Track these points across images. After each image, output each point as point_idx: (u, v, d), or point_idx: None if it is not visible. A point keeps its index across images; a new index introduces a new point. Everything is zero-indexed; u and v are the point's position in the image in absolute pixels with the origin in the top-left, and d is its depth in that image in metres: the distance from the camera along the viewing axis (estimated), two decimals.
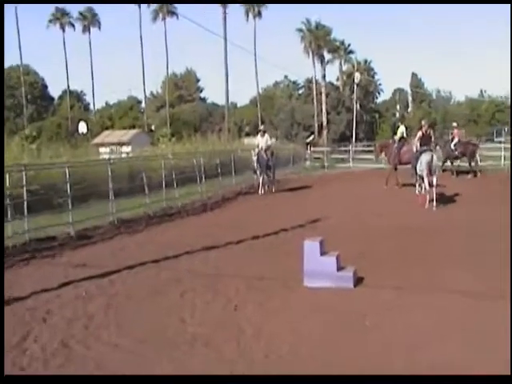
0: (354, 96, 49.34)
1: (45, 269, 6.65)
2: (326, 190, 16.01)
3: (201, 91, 67.83)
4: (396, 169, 15.69)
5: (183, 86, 64.61)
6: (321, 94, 48.10)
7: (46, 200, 9.66)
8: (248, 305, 4.96)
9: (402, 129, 16.16)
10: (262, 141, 14.95)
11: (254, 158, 14.48)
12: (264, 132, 15.30)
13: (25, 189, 8.38)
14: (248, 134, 50.75)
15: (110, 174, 10.53)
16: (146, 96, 54.18)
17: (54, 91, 66.39)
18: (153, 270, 6.39)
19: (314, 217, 9.93)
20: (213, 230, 9.31)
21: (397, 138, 16.16)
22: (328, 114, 48.57)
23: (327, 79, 51.78)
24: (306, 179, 21.06)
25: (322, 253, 5.60)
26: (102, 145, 36.24)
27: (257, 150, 14.69)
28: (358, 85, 48.96)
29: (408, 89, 63.21)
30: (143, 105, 56.01)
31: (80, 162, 13.46)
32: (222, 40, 39.23)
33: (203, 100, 67.74)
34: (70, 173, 9.44)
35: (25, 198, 8.37)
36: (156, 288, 5.62)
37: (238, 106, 65.94)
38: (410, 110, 62.99)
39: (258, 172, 14.73)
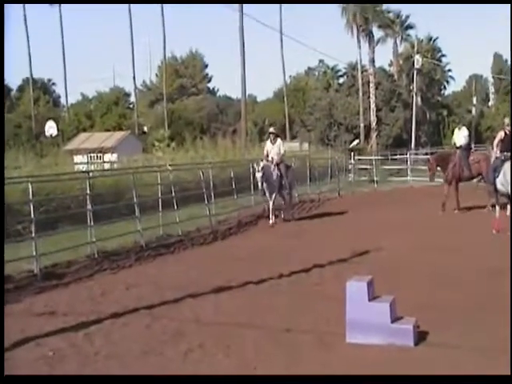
0: (414, 86, 49.33)
1: None
2: (375, 212, 15.98)
3: (209, 81, 68.83)
4: (457, 187, 15.21)
5: (186, 74, 65.64)
6: (368, 84, 48.27)
7: None
8: (270, 368, 4.95)
9: (463, 132, 15.40)
10: (272, 149, 14.24)
11: (259, 175, 13.68)
12: (276, 136, 14.55)
13: None
14: None
15: (88, 191, 10.69)
16: (136, 87, 54.02)
17: (12, 80, 67.37)
18: (146, 320, 6.44)
19: (360, 249, 9.91)
20: (225, 265, 9.38)
21: (457, 144, 15.20)
22: (378, 110, 48.65)
23: (377, 64, 51.99)
24: (349, 198, 21.01)
25: (372, 297, 5.57)
26: (78, 152, 36.75)
27: (263, 163, 13.89)
28: (419, 71, 48.95)
29: (489, 75, 62.85)
30: (132, 98, 56.37)
31: (48, 175, 13.71)
32: (237, 13, 39.29)
33: (212, 92, 68.63)
34: (33, 190, 9.56)
35: None
36: (150, 345, 5.64)
37: (259, 100, 66.79)
38: (490, 103, 62.54)
39: (266, 194, 14.03)
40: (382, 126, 48.91)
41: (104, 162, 33.23)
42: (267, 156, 14.21)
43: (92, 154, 37.41)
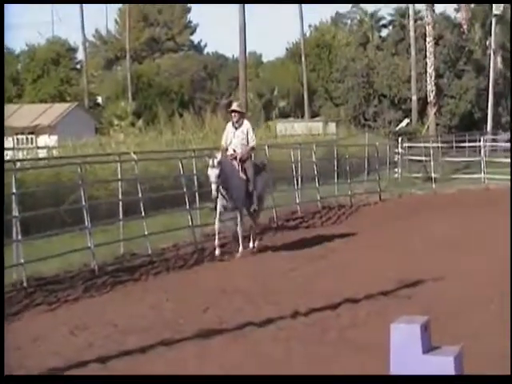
0: (492, 42, 49.33)
1: None
2: (433, 225, 16.04)
3: (193, 31, 68.91)
4: None
5: (159, 21, 65.67)
6: (425, 37, 48.26)
7: None
8: None
9: None
10: (234, 137, 13.49)
11: (213, 173, 12.63)
12: (241, 117, 13.65)
13: None
14: (285, 115, 51.27)
15: (14, 189, 10.78)
16: (85, 38, 53.63)
17: None
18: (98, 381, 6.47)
19: (411, 277, 9.94)
20: (214, 298, 9.46)
21: None
22: (439, 76, 48.70)
23: (437, 9, 52.02)
24: (395, 204, 21.07)
25: (428, 348, 5.59)
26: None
27: (219, 157, 12.87)
28: (499, 19, 48.92)
29: None
30: (80, 55, 55.82)
31: None
32: None
33: (198, 49, 68.80)
34: None
35: None
36: None
37: (265, 60, 66.97)
38: None
39: (218, 206, 13.01)
40: (443, 99, 48.95)
41: (38, 148, 33.25)
42: (226, 149, 13.36)
43: (20, 136, 37.47)
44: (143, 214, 13.22)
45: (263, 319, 8.14)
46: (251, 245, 13.68)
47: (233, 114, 13.54)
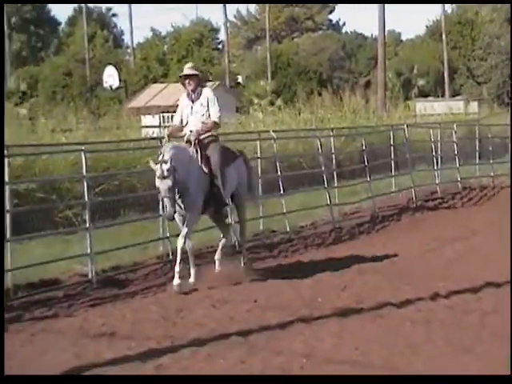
0: None
1: None
2: None
3: (331, 11, 68.24)
4: None
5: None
6: None
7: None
8: None
9: None
10: (192, 112, 9.80)
11: (163, 186, 8.99)
12: (196, 82, 9.83)
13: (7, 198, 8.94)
14: (424, 94, 50.03)
15: None
16: (227, 19, 53.79)
17: (60, 10, 68.76)
18: (239, 352, 6.56)
19: None
20: (352, 278, 9.35)
21: None
22: None
23: None
24: None
25: None
26: (147, 110, 37.65)
27: (169, 145, 9.39)
28: None
29: None
30: (222, 36, 56.40)
31: (107, 142, 14.39)
32: None
33: (336, 28, 68.21)
34: (88, 163, 10.05)
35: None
36: None
37: (404, 38, 65.58)
38: None
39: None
40: None
41: None
42: (180, 129, 9.99)
43: (166, 114, 38.30)
44: (282, 191, 13.23)
45: (401, 300, 8.02)
46: (242, 262, 10.17)
47: (186, 82, 9.74)
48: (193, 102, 9.72)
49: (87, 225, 9.79)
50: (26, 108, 24.98)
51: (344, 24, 70.04)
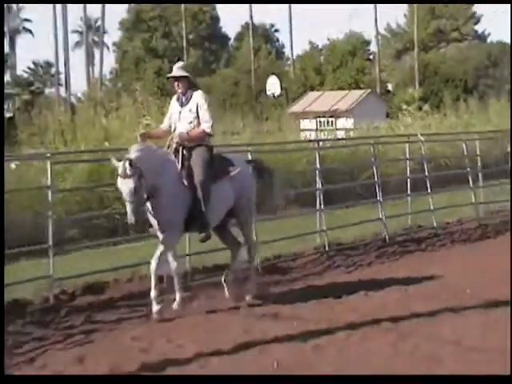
0: None
1: None
2: None
3: (477, 21, 66.96)
4: None
5: (445, 14, 64.40)
6: None
7: None
8: None
9: None
10: (180, 117, 8.29)
11: (124, 187, 7.43)
12: (186, 85, 8.25)
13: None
14: None
15: (317, 165, 11.55)
16: (378, 32, 55.50)
17: (230, 27, 72.64)
18: (390, 337, 6.74)
19: None
20: (497, 274, 9.18)
21: None
22: None
23: None
24: None
25: None
26: (305, 115, 38.60)
27: (134, 153, 7.58)
28: None
29: None
30: (373, 47, 57.50)
31: (270, 143, 14.92)
32: None
33: (482, 38, 66.56)
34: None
35: None
36: (394, 368, 5.94)
37: None
38: None
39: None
40: None
41: (337, 130, 34.71)
42: (163, 134, 8.54)
43: (322, 119, 39.04)
44: (429, 190, 13.39)
45: None
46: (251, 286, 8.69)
47: (175, 84, 8.26)
48: (181, 106, 8.23)
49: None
50: None
51: (489, 34, 68.35)
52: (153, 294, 7.70)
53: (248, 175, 8.57)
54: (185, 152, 7.98)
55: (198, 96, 8.20)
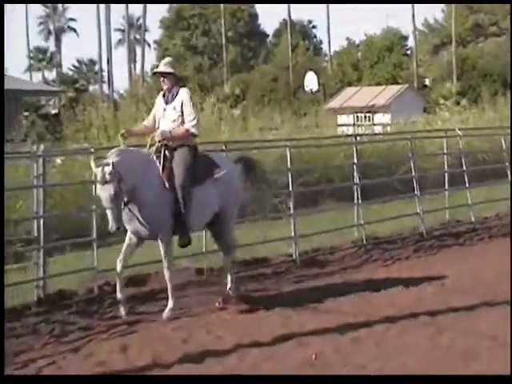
0: None
1: None
2: None
3: None
4: None
5: (483, 8, 63.64)
6: None
7: None
8: None
9: None
10: (164, 115, 7.92)
11: (104, 194, 7.17)
12: (173, 81, 7.88)
13: None
14: None
15: (355, 160, 11.56)
16: (415, 27, 55.27)
17: (268, 24, 73.07)
18: (428, 331, 6.75)
19: None
20: None
21: None
22: None
23: None
24: None
25: None
26: (342, 111, 38.70)
27: (118, 149, 7.62)
28: None
29: None
30: (411, 42, 57.18)
31: (307, 138, 15.00)
32: None
33: None
34: (291, 157, 10.60)
35: None
36: (432, 362, 5.98)
37: None
38: None
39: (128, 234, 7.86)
40: None
41: (374, 125, 34.68)
42: (146, 131, 8.22)
43: (359, 114, 39.01)
44: (467, 185, 13.27)
45: None
46: (228, 287, 8.17)
47: (160, 80, 7.95)
48: (166, 103, 7.86)
49: (291, 211, 10.48)
50: (239, 109, 26.64)
51: None
52: (119, 296, 7.63)
53: (235, 178, 8.09)
54: (167, 153, 7.64)
55: (183, 93, 7.82)
